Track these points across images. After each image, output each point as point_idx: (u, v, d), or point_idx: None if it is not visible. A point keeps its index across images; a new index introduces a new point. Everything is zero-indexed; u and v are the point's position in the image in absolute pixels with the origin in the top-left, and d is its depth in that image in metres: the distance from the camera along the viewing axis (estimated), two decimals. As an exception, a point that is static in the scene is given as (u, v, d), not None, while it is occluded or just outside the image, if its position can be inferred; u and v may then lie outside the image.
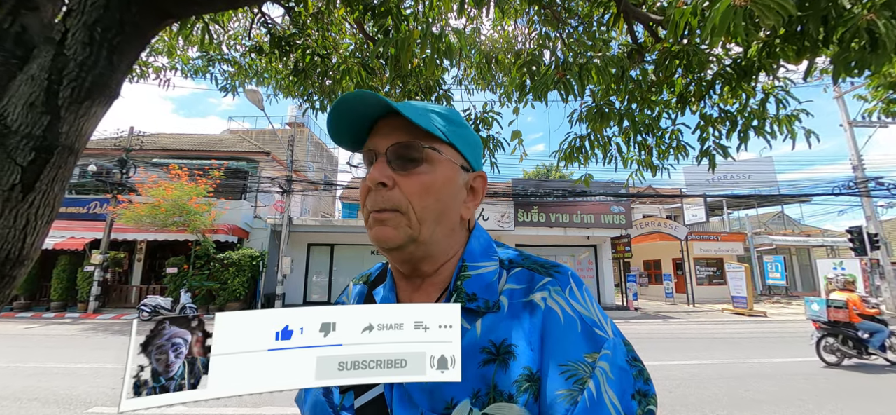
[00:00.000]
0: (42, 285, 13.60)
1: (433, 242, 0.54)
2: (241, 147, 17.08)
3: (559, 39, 2.97)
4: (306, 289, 15.91)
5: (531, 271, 0.53)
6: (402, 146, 0.52)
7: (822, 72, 2.94)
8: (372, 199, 0.53)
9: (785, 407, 4.30)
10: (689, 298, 16.89)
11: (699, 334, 9.45)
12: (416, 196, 0.52)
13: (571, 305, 0.49)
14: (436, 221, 0.54)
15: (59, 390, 4.64)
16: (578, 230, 15.40)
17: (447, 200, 0.55)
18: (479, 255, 0.57)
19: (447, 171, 0.55)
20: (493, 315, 0.50)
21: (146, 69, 3.55)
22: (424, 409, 0.46)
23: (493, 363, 0.46)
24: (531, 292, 0.51)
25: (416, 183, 0.52)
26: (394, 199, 0.52)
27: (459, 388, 0.45)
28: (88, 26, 1.01)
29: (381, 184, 0.52)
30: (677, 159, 3.03)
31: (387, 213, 0.52)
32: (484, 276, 0.54)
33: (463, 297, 0.51)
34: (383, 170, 0.52)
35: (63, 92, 0.96)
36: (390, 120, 0.54)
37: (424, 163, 0.53)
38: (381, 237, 0.52)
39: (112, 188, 12.99)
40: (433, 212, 0.53)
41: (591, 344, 0.46)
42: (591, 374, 0.44)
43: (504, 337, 0.48)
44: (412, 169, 0.52)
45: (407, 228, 0.52)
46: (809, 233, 23.54)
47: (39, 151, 0.92)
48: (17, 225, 0.90)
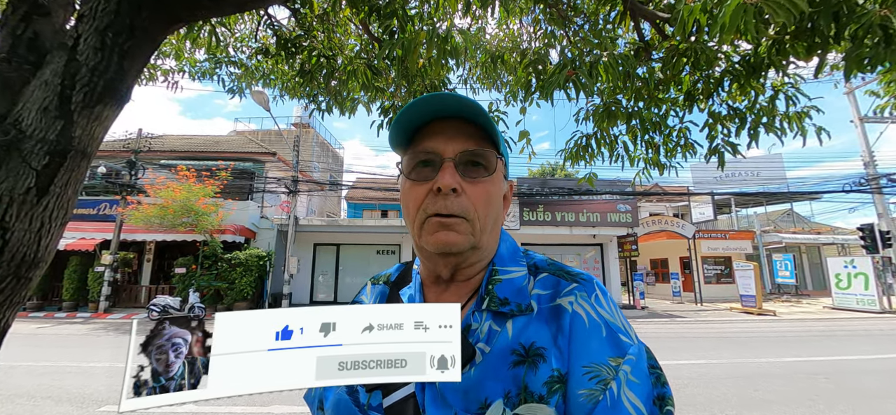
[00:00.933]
0: (54, 286, 13.83)
1: (485, 248, 0.56)
2: (248, 148, 17.22)
3: (565, 38, 2.96)
4: (313, 288, 16.01)
5: (557, 277, 0.55)
6: (475, 154, 0.53)
7: (833, 68, 2.89)
8: (437, 203, 0.52)
9: (795, 407, 4.24)
10: (697, 297, 16.73)
11: (707, 334, 9.36)
12: (482, 205, 0.53)
13: (597, 310, 0.50)
14: (491, 229, 0.56)
15: (72, 389, 4.71)
16: (584, 229, 15.31)
17: (499, 209, 0.57)
18: (508, 259, 0.58)
19: (499, 180, 0.57)
20: (522, 318, 0.51)
21: (154, 72, 3.59)
22: (458, 409, 0.46)
23: (523, 365, 0.47)
24: (558, 297, 0.52)
25: (483, 192, 0.53)
26: (462, 206, 0.52)
27: (492, 388, 0.46)
28: (100, 31, 1.03)
29: (452, 190, 0.52)
30: (685, 157, 3.00)
31: (455, 219, 0.52)
32: (514, 280, 0.55)
33: (495, 301, 0.52)
34: (455, 176, 0.52)
35: (76, 97, 0.98)
36: (452, 122, 0.54)
37: (488, 171, 0.54)
38: (447, 242, 0.52)
39: (121, 189, 13.17)
40: (492, 220, 0.55)
41: (615, 349, 0.47)
42: (613, 377, 0.45)
43: (533, 339, 0.49)
44: (480, 177, 0.53)
45: (471, 235, 0.53)
46: (820, 231, 23.19)
47: (53, 155, 0.94)
48: (32, 228, 0.91)
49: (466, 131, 0.53)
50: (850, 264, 14.27)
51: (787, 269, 17.36)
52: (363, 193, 21.91)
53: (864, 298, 13.65)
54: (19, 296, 0.93)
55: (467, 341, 0.49)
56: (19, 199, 0.89)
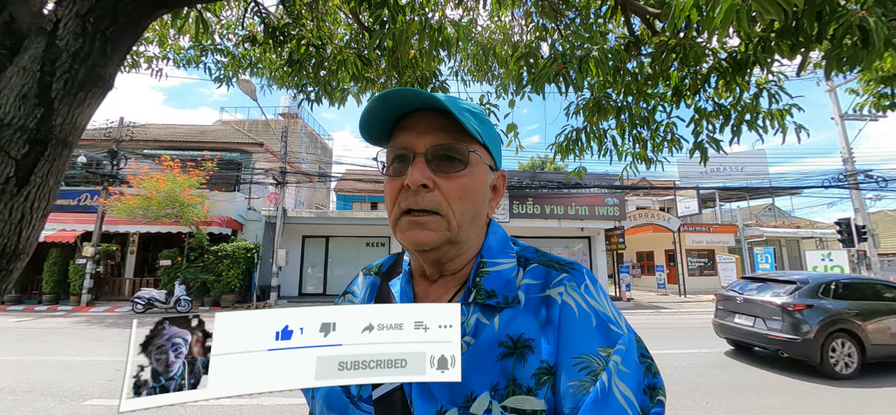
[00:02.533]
0: (33, 278, 13.43)
1: (466, 242, 0.55)
2: (234, 138, 16.87)
3: (556, 31, 2.96)
4: (301, 281, 15.90)
5: (547, 268, 0.54)
6: (447, 148, 0.52)
7: (816, 66, 2.96)
8: (408, 199, 0.52)
9: (775, 394, 4.41)
10: (681, 289, 17.13)
11: (690, 324, 9.61)
12: (457, 199, 0.52)
13: (587, 300, 0.50)
14: (471, 223, 0.54)
15: (55, 383, 4.61)
16: (573, 222, 15.50)
17: (480, 203, 0.55)
18: (497, 251, 0.57)
19: (481, 172, 0.55)
20: (510, 310, 0.50)
21: (137, 59, 3.48)
22: (444, 402, 0.46)
23: (511, 357, 0.47)
24: (547, 288, 0.51)
25: (457, 186, 0.52)
26: (434, 201, 0.51)
27: (478, 381, 0.46)
28: (81, 16, 0.99)
29: (422, 186, 0.51)
30: (671, 152, 3.05)
31: (426, 216, 0.51)
32: (502, 272, 0.54)
33: (482, 293, 0.52)
34: (424, 171, 0.51)
35: (56, 84, 0.95)
36: (426, 116, 0.53)
37: (464, 164, 0.52)
38: (419, 240, 0.52)
39: (103, 180, 12.81)
40: (470, 214, 0.54)
41: (605, 339, 0.47)
42: (603, 367, 0.45)
43: (521, 331, 0.48)
44: (453, 171, 0.52)
45: (445, 231, 0.52)
46: (799, 225, 23.92)
47: (33, 143, 0.91)
48: (12, 219, 0.89)
49: (440, 124, 0.52)
50: (827, 258, 14.78)
51: (768, 262, 17.87)
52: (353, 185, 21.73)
53: (839, 290, 14.14)
54: (0, 288, 0.91)
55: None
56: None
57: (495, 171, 0.60)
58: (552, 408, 0.44)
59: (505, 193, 10.46)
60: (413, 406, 0.48)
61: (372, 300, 0.61)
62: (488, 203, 0.59)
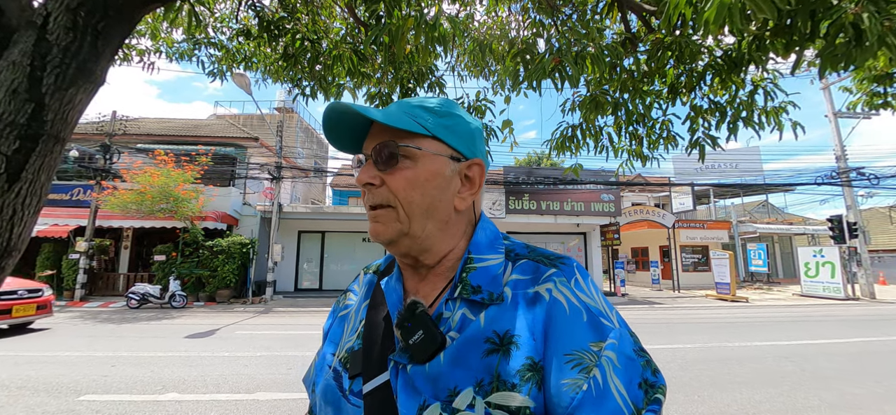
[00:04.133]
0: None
1: (426, 235, 0.55)
2: (229, 132, 16.75)
3: (553, 27, 2.96)
4: (297, 276, 15.87)
5: (536, 263, 0.54)
6: (385, 146, 0.54)
7: (810, 64, 2.99)
8: (366, 197, 0.56)
9: (762, 388, 4.48)
10: (675, 285, 17.31)
11: (684, 319, 9.71)
12: (401, 191, 0.54)
13: (577, 295, 0.49)
14: (425, 214, 0.54)
15: (49, 379, 4.59)
16: (569, 218, 15.57)
17: (434, 193, 0.55)
18: (485, 247, 0.57)
19: (431, 164, 0.55)
20: (496, 307, 0.50)
21: (129, 52, 3.44)
22: (427, 396, 0.46)
23: (496, 353, 0.47)
24: (536, 284, 0.51)
25: (400, 179, 0.54)
26: (382, 195, 0.55)
27: (462, 376, 0.46)
28: (71, 10, 0.98)
29: (369, 183, 0.55)
30: (667, 149, 3.06)
31: (379, 210, 0.55)
32: (489, 268, 0.54)
33: (468, 289, 0.52)
34: (369, 170, 0.55)
35: (47, 79, 0.94)
36: (379, 123, 0.56)
37: (406, 159, 0.54)
38: (375, 233, 0.56)
39: (96, 174, 12.67)
40: (420, 206, 0.54)
41: (596, 333, 0.46)
42: (596, 363, 0.44)
43: (507, 328, 0.48)
44: (394, 166, 0.54)
45: (396, 223, 0.54)
46: (792, 221, 24.17)
47: (24, 139, 0.90)
48: (3, 216, 0.88)
49: (385, 128, 0.55)
50: (819, 254, 14.96)
51: (761, 258, 18.09)
52: (349, 180, 21.66)
53: (830, 286, 14.36)
54: (-9, 285, 0.90)
55: (438, 330, 0.49)
56: (-12, 185, 0.85)
57: (462, 161, 0.58)
58: (539, 405, 0.44)
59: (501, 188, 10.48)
60: (398, 400, 0.48)
61: (368, 299, 0.62)
62: (457, 195, 0.57)
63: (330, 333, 0.65)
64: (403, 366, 0.49)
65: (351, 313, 0.64)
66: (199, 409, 3.79)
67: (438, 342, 0.48)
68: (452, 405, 0.45)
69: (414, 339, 0.49)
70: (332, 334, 0.64)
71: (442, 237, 0.56)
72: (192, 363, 5.37)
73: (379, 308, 0.58)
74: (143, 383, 4.52)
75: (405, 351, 0.50)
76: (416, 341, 0.48)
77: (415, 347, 0.48)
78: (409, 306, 0.51)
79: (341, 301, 0.69)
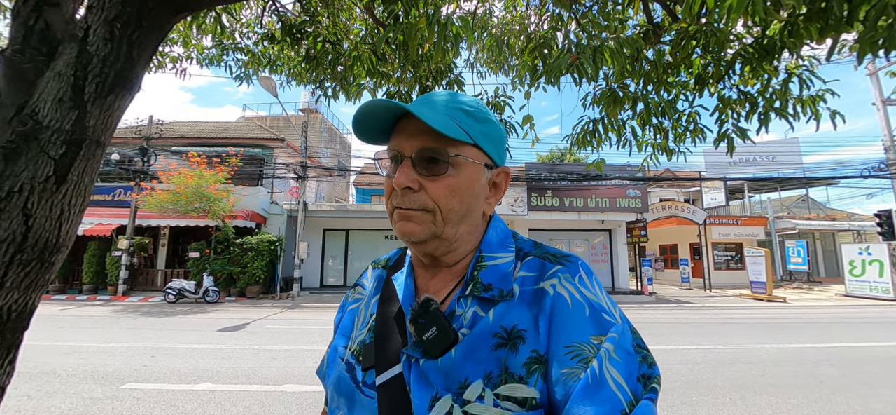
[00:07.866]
0: (74, 269, 14.28)
1: (456, 238, 0.57)
2: (257, 134, 17.34)
3: (573, 20, 2.90)
4: (323, 273, 16.27)
5: (542, 260, 0.55)
6: (431, 151, 0.53)
7: (851, 49, 2.79)
8: (397, 198, 0.55)
9: (799, 392, 4.25)
10: (706, 283, 16.61)
11: (715, 319, 9.33)
12: (443, 199, 0.54)
13: (580, 290, 0.51)
14: (460, 220, 0.56)
15: (95, 367, 4.92)
16: (593, 214, 15.21)
17: (471, 201, 0.56)
18: (496, 245, 0.59)
19: (472, 172, 0.56)
20: (505, 303, 0.52)
21: (163, 60, 3.62)
22: (439, 388, 0.48)
23: (504, 347, 0.49)
24: (542, 280, 0.53)
25: (443, 187, 0.54)
26: (420, 201, 0.54)
27: (473, 369, 0.48)
28: (108, 22, 1.05)
29: (408, 188, 0.54)
30: (694, 143, 2.94)
31: (414, 211, 0.54)
32: (500, 266, 0.56)
33: (479, 286, 0.53)
34: (409, 174, 0.54)
35: (88, 87, 1.01)
36: (414, 120, 0.54)
37: (451, 167, 0.54)
38: (407, 231, 0.55)
39: (135, 176, 13.43)
40: (458, 213, 0.55)
41: (597, 327, 0.48)
42: (595, 354, 0.45)
43: (514, 323, 0.50)
44: (438, 174, 0.54)
45: (432, 225, 0.54)
46: (835, 217, 22.68)
47: (69, 144, 0.98)
48: (52, 214, 0.96)
49: (424, 127, 0.53)
50: (866, 251, 13.99)
51: (800, 255, 17.10)
52: (371, 179, 21.99)
53: (878, 285, 13.41)
54: (43, 279, 0.98)
55: (451, 327, 0.51)
56: (39, 187, 0.93)
57: (494, 168, 0.60)
58: (544, 396, 0.46)
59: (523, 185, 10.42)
60: (411, 391, 0.50)
61: (378, 293, 0.64)
62: (485, 200, 0.59)
63: (340, 326, 0.67)
64: (416, 359, 0.51)
65: (361, 306, 0.65)
66: (231, 398, 3.97)
67: (451, 339, 0.50)
68: (463, 397, 0.47)
69: (428, 335, 0.50)
70: (343, 327, 0.66)
71: (468, 239, 0.58)
72: (225, 355, 5.63)
73: (390, 303, 0.60)
74: (180, 373, 4.78)
75: (418, 346, 0.51)
76: (430, 337, 0.50)
77: (428, 342, 0.50)
78: (423, 303, 0.53)
79: (350, 295, 0.71)
